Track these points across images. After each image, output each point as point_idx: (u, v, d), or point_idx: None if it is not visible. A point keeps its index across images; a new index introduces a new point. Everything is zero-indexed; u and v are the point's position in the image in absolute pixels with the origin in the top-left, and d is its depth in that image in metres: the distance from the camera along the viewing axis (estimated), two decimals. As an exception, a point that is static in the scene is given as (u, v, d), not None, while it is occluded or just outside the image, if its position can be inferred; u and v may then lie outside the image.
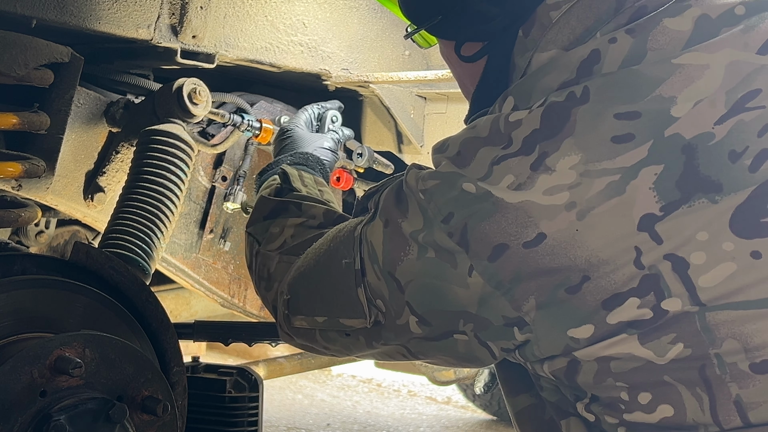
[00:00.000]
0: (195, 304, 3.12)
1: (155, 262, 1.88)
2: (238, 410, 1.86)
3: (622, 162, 1.11)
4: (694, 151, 1.11)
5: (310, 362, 2.70)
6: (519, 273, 1.14)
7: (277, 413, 4.01)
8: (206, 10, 2.04)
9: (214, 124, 2.25)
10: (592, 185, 1.11)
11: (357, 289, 1.28)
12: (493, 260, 1.15)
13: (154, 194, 1.90)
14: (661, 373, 1.12)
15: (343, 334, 1.33)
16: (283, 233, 1.50)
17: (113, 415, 1.47)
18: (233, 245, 2.40)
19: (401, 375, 4.77)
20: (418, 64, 2.57)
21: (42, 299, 1.55)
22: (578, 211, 1.11)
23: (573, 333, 1.14)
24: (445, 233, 1.17)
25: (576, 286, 1.12)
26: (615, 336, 1.12)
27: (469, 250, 1.16)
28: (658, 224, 1.10)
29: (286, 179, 1.66)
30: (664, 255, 1.10)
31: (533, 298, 1.14)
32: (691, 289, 1.10)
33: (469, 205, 1.16)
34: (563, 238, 1.12)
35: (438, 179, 1.21)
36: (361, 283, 1.27)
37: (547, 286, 1.13)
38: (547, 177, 1.13)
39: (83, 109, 2.00)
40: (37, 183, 1.94)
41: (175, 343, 1.69)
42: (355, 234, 1.31)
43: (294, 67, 2.28)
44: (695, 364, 1.11)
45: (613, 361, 1.13)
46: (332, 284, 1.32)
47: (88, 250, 1.67)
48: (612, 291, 1.11)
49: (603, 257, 1.11)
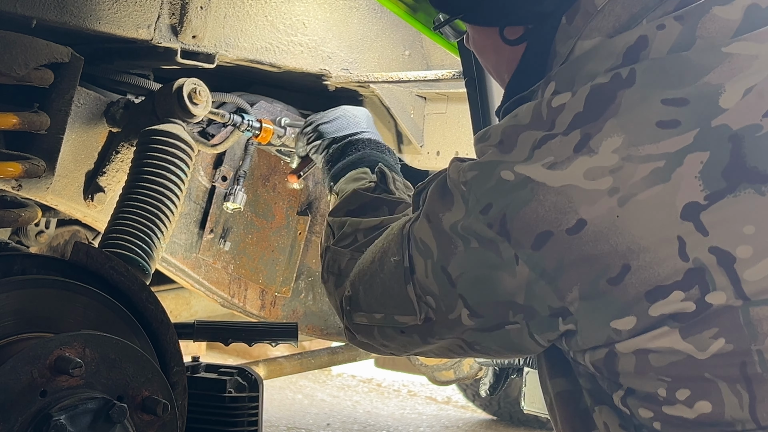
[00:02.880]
0: (195, 304, 3.12)
1: (155, 262, 1.88)
2: (238, 410, 1.86)
3: (666, 147, 1.10)
4: (741, 142, 1.10)
5: (310, 362, 2.70)
6: (562, 261, 1.13)
7: (277, 413, 4.01)
8: (206, 10, 2.04)
9: (214, 124, 2.25)
10: (636, 171, 1.10)
11: (407, 287, 1.28)
12: (537, 248, 1.14)
13: (154, 194, 1.90)
14: (702, 368, 1.10)
15: (399, 331, 1.33)
16: (356, 231, 1.51)
17: (113, 415, 1.47)
18: (233, 245, 2.40)
19: (401, 375, 4.77)
20: (418, 64, 2.57)
21: (42, 299, 1.55)
22: (620, 197, 1.10)
23: (615, 324, 1.12)
24: (485, 224, 1.17)
25: (617, 277, 1.10)
26: (657, 328, 1.10)
27: (511, 240, 1.15)
28: (702, 214, 1.09)
29: (383, 179, 1.66)
30: (710, 248, 1.09)
31: (577, 289, 1.13)
32: (736, 283, 1.08)
33: (506, 194, 1.15)
34: (604, 224, 1.10)
35: (477, 170, 1.20)
36: (410, 281, 1.27)
37: (589, 275, 1.12)
38: (587, 159, 1.12)
39: (83, 109, 2.00)
40: (37, 183, 1.94)
41: (175, 343, 1.69)
42: (403, 232, 1.31)
43: (294, 67, 2.28)
44: (736, 360, 1.09)
45: (652, 354, 1.12)
46: (384, 283, 1.33)
47: (88, 250, 1.67)
48: (655, 282, 1.10)
49: (644, 245, 1.09)
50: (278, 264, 2.52)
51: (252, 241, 2.45)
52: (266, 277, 2.50)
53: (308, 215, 2.57)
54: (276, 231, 2.50)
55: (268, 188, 2.47)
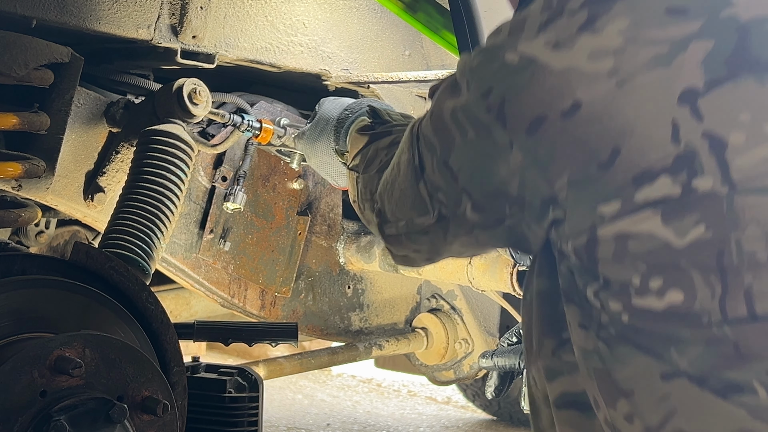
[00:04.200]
0: (195, 304, 3.12)
1: (155, 262, 1.88)
2: (238, 410, 1.86)
3: (672, 33, 1.09)
4: (748, 33, 1.09)
5: (310, 362, 2.70)
6: (554, 146, 1.12)
7: (277, 413, 4.01)
8: (206, 10, 2.04)
9: (214, 124, 2.25)
10: (639, 53, 1.09)
11: (418, 185, 1.28)
12: (531, 133, 1.13)
13: (154, 194, 1.90)
14: (678, 256, 1.08)
15: (423, 233, 1.33)
16: (378, 154, 1.52)
17: (113, 415, 1.47)
18: (233, 245, 2.40)
19: (401, 375, 4.77)
20: (418, 64, 2.57)
21: (42, 299, 1.55)
22: (619, 79, 1.09)
23: (601, 209, 1.11)
24: (484, 108, 1.16)
25: (607, 161, 1.09)
26: (639, 212, 1.09)
27: (507, 125, 1.15)
28: (700, 100, 1.07)
29: (375, 115, 1.68)
30: (703, 132, 1.07)
31: (566, 174, 1.12)
32: (725, 169, 1.06)
33: (507, 77, 1.15)
34: (599, 106, 1.09)
35: (482, 55, 1.20)
36: (421, 178, 1.27)
37: (579, 160, 1.11)
38: (591, 38, 1.10)
39: (83, 109, 2.01)
40: (37, 183, 1.94)
41: (175, 343, 1.69)
42: (413, 131, 1.31)
43: (294, 67, 2.28)
44: (713, 249, 1.07)
45: (631, 240, 1.10)
46: (401, 186, 1.33)
47: (88, 250, 1.67)
48: (644, 167, 1.08)
49: (637, 128, 1.08)
50: (278, 264, 2.52)
51: (252, 241, 2.45)
52: (266, 277, 2.50)
53: (308, 215, 2.57)
54: (276, 231, 2.50)
55: (268, 188, 2.47)
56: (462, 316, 2.92)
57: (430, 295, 2.96)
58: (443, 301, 2.94)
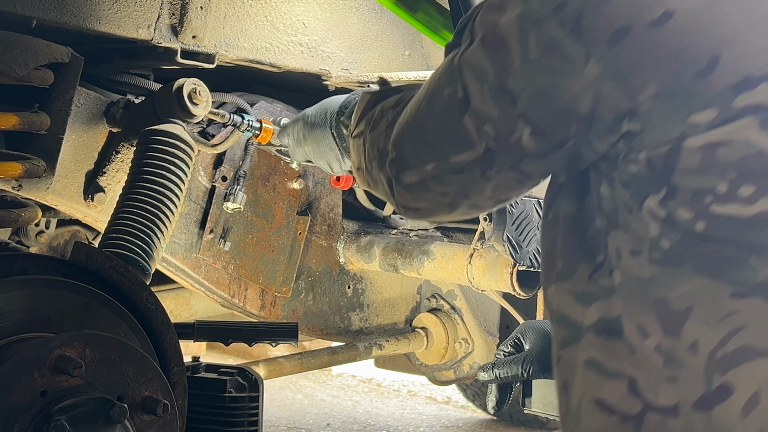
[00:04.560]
0: (195, 304, 3.12)
1: (155, 262, 1.88)
2: (238, 410, 1.86)
3: None
4: None
5: (310, 362, 2.70)
6: (641, 56, 1.08)
7: (277, 413, 4.01)
8: (206, 10, 2.04)
9: (214, 124, 2.25)
10: None
11: (463, 119, 1.22)
12: (613, 45, 1.09)
13: (154, 194, 1.90)
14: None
15: (458, 171, 1.26)
16: (384, 114, 1.45)
17: (113, 415, 1.47)
18: (233, 245, 2.40)
19: (401, 375, 4.77)
20: (418, 64, 2.57)
21: (42, 299, 1.55)
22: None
23: (694, 119, 1.07)
24: (557, 23, 1.11)
25: (705, 69, 1.06)
26: (737, 120, 1.06)
27: (583, 38, 1.10)
28: None
29: (385, 83, 1.64)
30: None
31: (654, 85, 1.08)
32: None
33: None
34: (695, 15, 1.06)
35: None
36: (467, 111, 1.21)
37: (671, 69, 1.07)
38: None
39: (83, 109, 2.01)
40: (37, 183, 1.94)
41: (176, 342, 1.69)
42: (453, 65, 1.24)
43: (294, 67, 2.28)
44: None
45: (722, 148, 1.06)
46: (436, 124, 1.27)
47: (88, 250, 1.67)
48: (744, 75, 1.05)
49: (738, 35, 1.05)
50: (278, 264, 2.52)
51: (252, 241, 2.46)
52: (266, 277, 2.50)
53: (308, 215, 2.57)
54: (276, 231, 2.51)
55: (268, 188, 2.47)
56: (462, 316, 2.92)
57: (430, 295, 2.96)
58: (443, 301, 2.94)
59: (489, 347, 2.93)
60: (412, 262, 2.59)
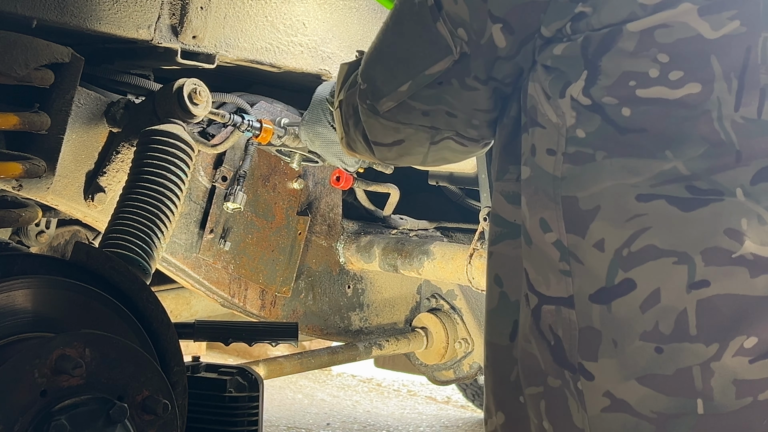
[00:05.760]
0: (195, 304, 3.12)
1: (156, 262, 1.88)
2: (238, 410, 1.87)
3: None
4: None
5: (310, 362, 2.70)
6: None
7: (277, 413, 4.02)
8: (206, 10, 2.04)
9: (214, 124, 2.26)
10: None
11: (436, 24, 1.24)
12: None
13: (154, 194, 1.90)
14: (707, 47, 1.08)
15: (436, 84, 1.27)
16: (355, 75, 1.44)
17: (113, 415, 1.47)
18: (233, 245, 2.40)
19: (401, 375, 4.77)
20: (418, 64, 2.57)
21: (42, 299, 1.55)
22: None
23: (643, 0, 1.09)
24: None
25: None
26: (679, 5, 1.08)
27: None
28: None
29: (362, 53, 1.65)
30: None
31: None
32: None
33: None
34: None
35: None
36: (439, 16, 1.23)
37: None
38: None
39: (84, 109, 2.01)
40: (37, 183, 1.94)
41: (176, 342, 1.69)
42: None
43: (294, 68, 2.28)
44: (743, 45, 1.08)
45: (660, 30, 1.09)
46: (408, 39, 1.29)
47: (88, 250, 1.67)
48: None
49: None
50: (278, 264, 2.52)
51: (252, 241, 2.46)
52: (266, 277, 2.50)
53: (308, 215, 2.57)
54: (276, 231, 2.51)
55: (268, 188, 2.47)
56: (462, 316, 2.92)
57: (430, 295, 2.96)
58: (443, 301, 2.95)
59: (489, 347, 2.92)
60: (412, 262, 2.59)
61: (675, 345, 1.07)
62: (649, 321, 1.08)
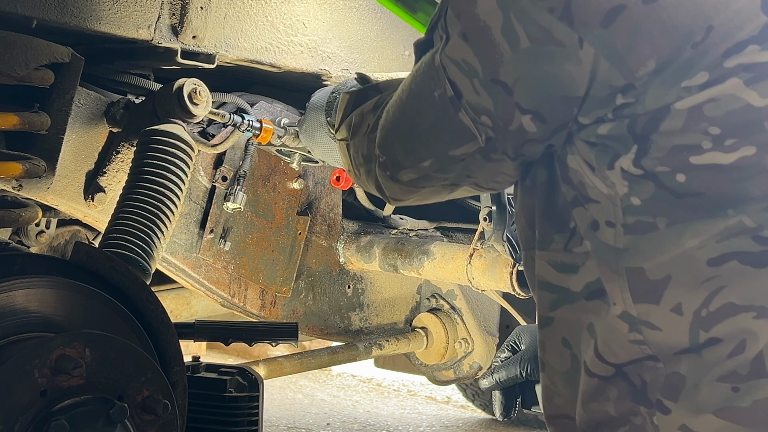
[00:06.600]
0: (195, 304, 3.12)
1: (156, 262, 1.88)
2: (238, 410, 1.87)
3: None
4: None
5: (310, 362, 2.70)
6: (636, 34, 1.09)
7: (277, 413, 4.02)
8: (206, 10, 2.04)
9: (214, 124, 2.26)
10: None
11: (458, 114, 1.22)
12: (606, 25, 1.09)
13: (154, 194, 1.90)
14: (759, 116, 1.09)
15: (459, 161, 1.27)
16: (364, 118, 1.45)
17: (113, 415, 1.47)
18: (233, 245, 2.40)
19: (401, 375, 4.77)
20: (418, 64, 2.57)
21: (42, 299, 1.55)
22: None
23: (686, 83, 1.10)
24: (545, 10, 1.11)
25: (701, 41, 1.08)
26: (726, 80, 1.09)
27: (575, 23, 1.10)
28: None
29: (365, 80, 1.65)
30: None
31: (653, 61, 1.09)
32: None
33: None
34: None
35: None
36: (460, 106, 1.21)
37: (669, 43, 1.09)
38: None
39: (84, 109, 2.01)
40: (37, 183, 1.94)
41: (176, 342, 1.69)
42: (435, 64, 1.24)
43: (294, 68, 2.28)
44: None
45: (708, 104, 1.09)
46: (429, 123, 1.27)
47: (88, 250, 1.67)
48: (734, 40, 1.08)
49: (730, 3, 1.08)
50: (278, 264, 2.52)
51: (252, 241, 2.46)
52: (266, 277, 2.50)
53: (308, 215, 2.57)
54: (276, 231, 2.51)
55: (268, 188, 2.47)
56: (462, 316, 2.92)
57: (430, 295, 2.96)
58: (443, 301, 2.94)
59: (489, 347, 2.93)
60: (412, 262, 2.59)
61: (752, 382, 1.10)
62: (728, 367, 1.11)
